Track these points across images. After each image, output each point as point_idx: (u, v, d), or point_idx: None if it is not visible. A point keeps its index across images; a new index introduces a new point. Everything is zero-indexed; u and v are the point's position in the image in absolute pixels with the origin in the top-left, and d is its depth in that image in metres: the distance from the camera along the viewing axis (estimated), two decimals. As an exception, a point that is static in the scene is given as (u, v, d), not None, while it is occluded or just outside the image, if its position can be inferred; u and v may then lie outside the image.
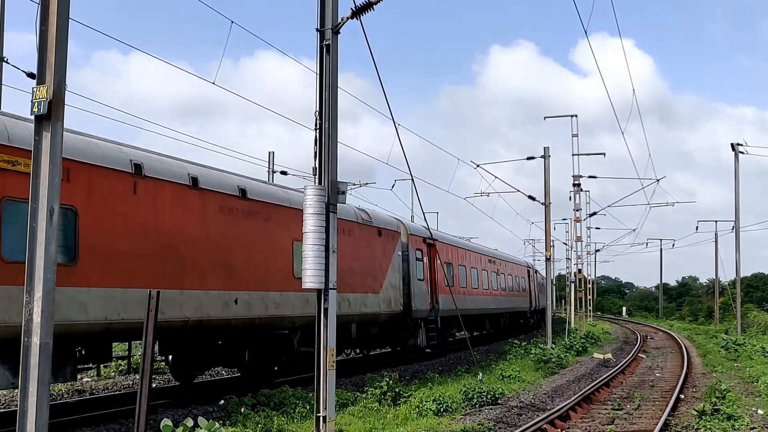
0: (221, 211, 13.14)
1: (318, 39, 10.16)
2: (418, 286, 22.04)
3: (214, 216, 12.94)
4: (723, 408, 12.80)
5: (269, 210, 14.55)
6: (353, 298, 17.93)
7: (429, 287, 22.96)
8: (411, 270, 21.70)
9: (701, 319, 69.85)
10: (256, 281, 13.95)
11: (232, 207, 13.42)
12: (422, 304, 22.25)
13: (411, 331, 21.94)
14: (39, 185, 6.66)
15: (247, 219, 13.83)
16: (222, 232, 13.06)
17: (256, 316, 13.94)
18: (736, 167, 36.36)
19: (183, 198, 12.23)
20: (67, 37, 6.80)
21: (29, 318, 6.54)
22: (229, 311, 13.13)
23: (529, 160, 30.19)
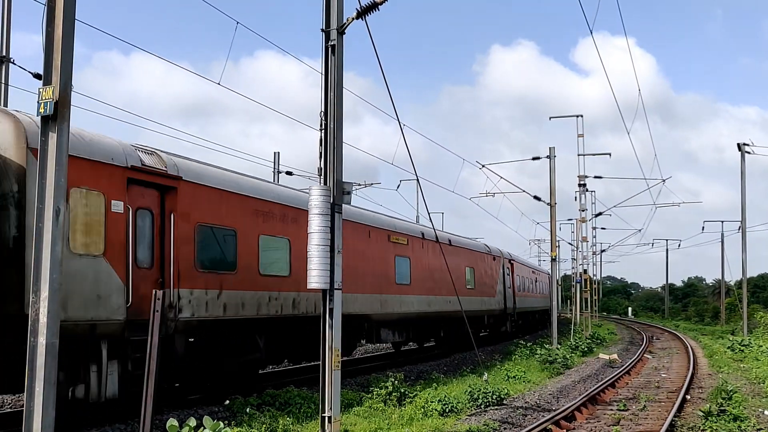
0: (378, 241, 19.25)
1: (323, 39, 10.17)
2: (508, 292, 33.40)
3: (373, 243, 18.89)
4: (729, 409, 12.76)
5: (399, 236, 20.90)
6: (486, 300, 29.28)
7: (512, 292, 34.64)
8: (505, 281, 32.91)
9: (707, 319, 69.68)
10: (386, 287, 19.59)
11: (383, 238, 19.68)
12: (510, 304, 33.75)
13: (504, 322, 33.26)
14: (45, 186, 6.68)
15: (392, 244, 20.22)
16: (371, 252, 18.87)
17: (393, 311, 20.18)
18: (742, 167, 36.27)
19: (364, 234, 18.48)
20: (73, 38, 6.83)
21: (35, 318, 6.57)
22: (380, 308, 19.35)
23: (535, 160, 30.17)
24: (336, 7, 10.12)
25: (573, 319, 43.62)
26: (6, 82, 16.47)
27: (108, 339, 10.42)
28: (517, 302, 35.35)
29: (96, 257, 10.19)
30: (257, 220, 13.96)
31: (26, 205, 9.22)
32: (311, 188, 10.09)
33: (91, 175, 10.25)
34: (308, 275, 9.93)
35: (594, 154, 35.59)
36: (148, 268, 11.38)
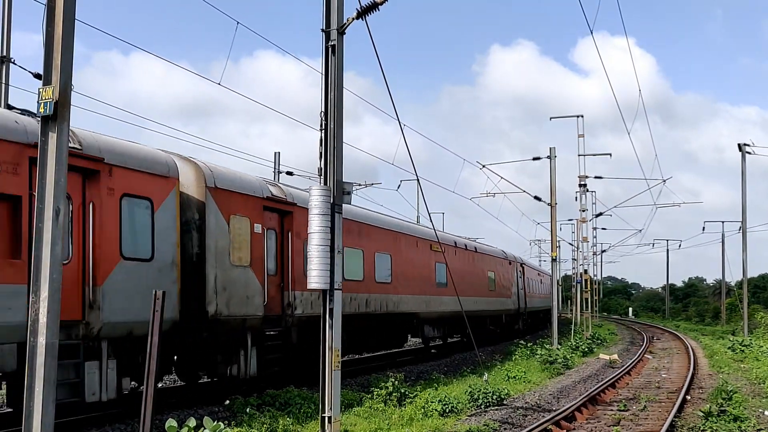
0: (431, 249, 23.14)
1: (323, 40, 10.17)
2: (520, 293, 37.31)
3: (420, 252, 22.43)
4: (729, 409, 12.76)
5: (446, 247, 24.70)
6: (504, 300, 33.11)
7: (524, 293, 38.36)
8: (518, 283, 36.61)
9: (708, 319, 69.66)
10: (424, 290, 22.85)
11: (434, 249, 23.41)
12: (522, 304, 37.76)
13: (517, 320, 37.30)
14: (45, 185, 6.67)
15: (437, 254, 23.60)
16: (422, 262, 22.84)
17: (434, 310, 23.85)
18: (743, 167, 36.26)
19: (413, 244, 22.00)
20: (73, 38, 6.82)
21: (35, 318, 6.56)
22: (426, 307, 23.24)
23: (535, 160, 30.17)
24: (336, 7, 10.11)
25: (573, 320, 43.63)
26: (6, 82, 16.48)
27: (251, 330, 13.60)
28: (527, 302, 39.53)
29: (245, 267, 13.41)
30: (350, 237, 17.17)
31: (205, 230, 12.37)
32: (311, 188, 10.10)
33: (243, 205, 13.43)
34: (308, 275, 9.93)
35: (595, 155, 35.65)
36: (274, 275, 14.59)
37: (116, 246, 10.76)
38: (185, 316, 11.95)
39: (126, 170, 10.97)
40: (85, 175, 10.42)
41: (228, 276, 12.83)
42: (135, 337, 10.83)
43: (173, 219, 11.84)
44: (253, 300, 13.52)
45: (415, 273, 21.44)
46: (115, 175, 10.76)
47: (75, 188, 10.18)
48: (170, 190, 11.78)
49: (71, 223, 10.19)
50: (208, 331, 12.50)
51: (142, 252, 11.21)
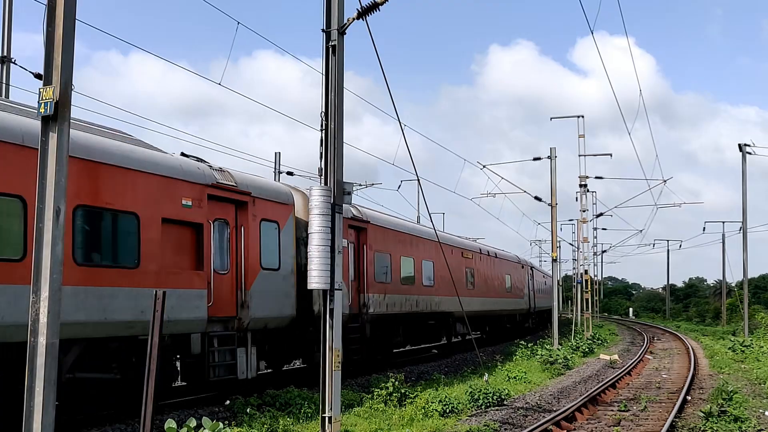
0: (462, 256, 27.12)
1: (324, 40, 10.16)
2: (531, 294, 40.37)
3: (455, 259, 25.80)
4: (730, 410, 12.74)
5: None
6: (518, 300, 36.30)
7: (533, 294, 41.34)
8: (528, 285, 39.55)
9: (708, 320, 69.65)
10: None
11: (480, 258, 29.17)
12: (532, 304, 40.85)
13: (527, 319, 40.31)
14: (45, 186, 6.68)
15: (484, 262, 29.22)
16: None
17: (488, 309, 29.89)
18: (743, 168, 36.25)
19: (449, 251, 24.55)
20: (73, 38, 6.83)
21: (35, 318, 6.56)
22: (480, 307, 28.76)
23: (536, 160, 30.17)
24: (337, 7, 10.11)
25: (574, 320, 43.64)
26: (7, 82, 16.49)
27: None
28: (536, 302, 42.47)
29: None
30: (399, 246, 20.79)
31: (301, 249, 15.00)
32: (312, 188, 10.10)
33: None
34: (308, 275, 9.93)
35: (595, 155, 35.60)
36: (354, 281, 17.84)
37: (258, 259, 13.73)
38: (299, 314, 14.88)
39: (263, 200, 13.99)
40: (237, 205, 13.33)
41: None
42: (267, 330, 14.21)
43: (291, 237, 14.96)
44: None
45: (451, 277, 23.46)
46: (256, 204, 13.73)
47: (230, 215, 13.22)
48: (289, 215, 14.90)
49: (228, 242, 13.09)
50: (312, 325, 15.06)
51: (273, 263, 14.19)
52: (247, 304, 13.35)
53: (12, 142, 9.03)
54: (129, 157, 10.94)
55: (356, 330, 17.40)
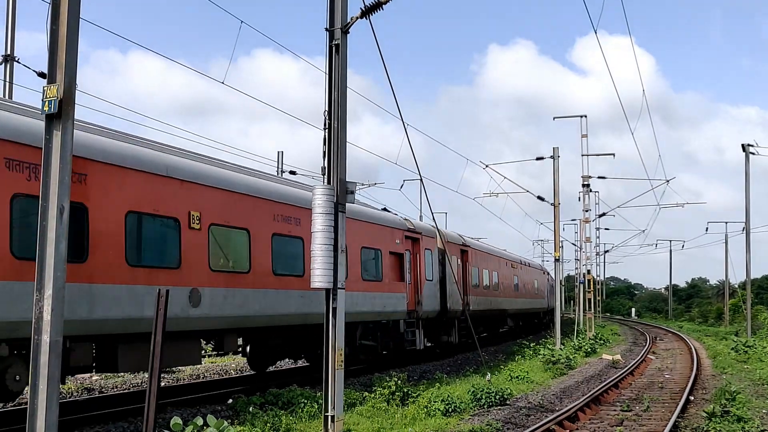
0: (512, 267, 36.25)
1: (327, 39, 10.15)
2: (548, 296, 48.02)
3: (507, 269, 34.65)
4: (733, 410, 12.71)
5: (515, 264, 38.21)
6: (540, 301, 44.09)
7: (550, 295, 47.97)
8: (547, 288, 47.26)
9: (711, 320, 69.52)
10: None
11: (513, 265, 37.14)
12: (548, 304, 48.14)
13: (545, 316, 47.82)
14: (49, 184, 6.68)
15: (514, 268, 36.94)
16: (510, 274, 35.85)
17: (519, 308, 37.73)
18: (746, 168, 36.18)
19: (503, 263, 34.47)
20: (77, 37, 6.83)
21: (39, 316, 6.57)
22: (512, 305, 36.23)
23: (539, 160, 30.15)
24: (340, 6, 10.10)
25: (576, 320, 43.60)
26: (11, 80, 16.51)
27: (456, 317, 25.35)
28: (551, 303, 47.31)
29: (454, 282, 24.29)
30: (484, 262, 29.95)
31: (444, 264, 23.36)
32: (315, 188, 10.09)
33: (454, 249, 25.62)
34: (312, 275, 9.93)
35: (598, 155, 35.53)
36: (461, 286, 25.75)
37: (424, 274, 22.05)
38: (441, 308, 23.65)
39: (426, 237, 22.56)
40: (413, 241, 21.54)
41: (452, 288, 24.31)
42: (428, 319, 22.62)
43: (436, 258, 23.44)
44: (456, 301, 24.81)
45: (506, 283, 33.32)
46: (422, 240, 22.18)
47: (409, 247, 21.24)
48: (435, 244, 23.39)
49: (410, 264, 21.22)
50: (445, 317, 24.16)
51: (429, 276, 22.57)
52: (420, 302, 21.77)
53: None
54: (381, 217, 20.07)
55: (463, 321, 25.51)
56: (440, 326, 24.30)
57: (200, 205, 12.49)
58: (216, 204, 12.90)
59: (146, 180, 11.36)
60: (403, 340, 20.65)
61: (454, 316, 24.77)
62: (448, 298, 23.93)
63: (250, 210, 13.80)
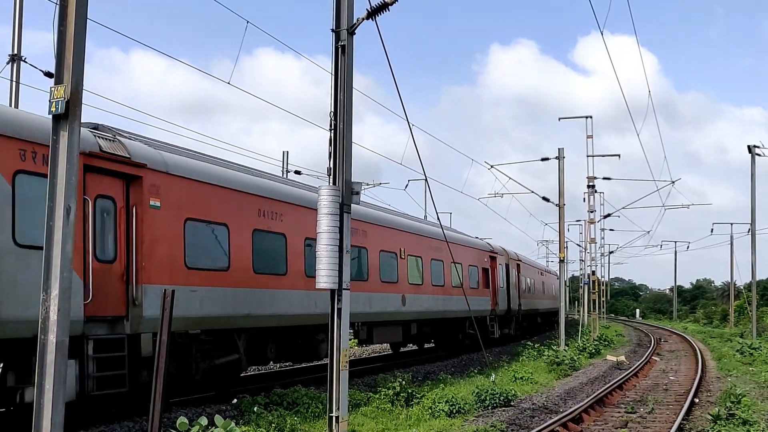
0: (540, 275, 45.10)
1: (333, 40, 10.15)
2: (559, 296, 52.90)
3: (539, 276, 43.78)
4: (738, 413, 12.68)
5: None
6: (554, 302, 43.01)
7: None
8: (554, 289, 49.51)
9: (716, 322, 69.34)
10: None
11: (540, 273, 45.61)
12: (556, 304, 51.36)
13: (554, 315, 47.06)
14: (56, 184, 6.69)
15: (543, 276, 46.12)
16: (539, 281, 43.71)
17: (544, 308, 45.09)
18: (752, 169, 36.07)
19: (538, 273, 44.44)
20: (85, 37, 6.84)
21: (46, 316, 6.58)
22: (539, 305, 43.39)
23: (544, 161, 30.09)
24: (347, 7, 10.10)
25: (581, 321, 43.51)
26: (17, 80, 16.55)
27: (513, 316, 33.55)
28: None
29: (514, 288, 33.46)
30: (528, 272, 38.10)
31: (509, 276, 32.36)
32: (320, 188, 10.09)
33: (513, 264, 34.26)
34: (317, 275, 9.93)
35: (604, 155, 35.46)
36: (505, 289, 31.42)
37: (498, 283, 29.97)
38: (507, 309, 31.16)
39: (499, 255, 30.63)
40: (491, 258, 29.02)
41: (513, 293, 32.63)
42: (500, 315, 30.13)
43: (504, 271, 31.34)
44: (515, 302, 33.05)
45: (538, 287, 41.74)
46: (498, 257, 30.23)
47: (490, 263, 28.83)
48: (504, 260, 31.31)
49: (491, 275, 28.83)
50: (509, 315, 31.92)
51: (502, 284, 30.51)
52: (497, 302, 29.48)
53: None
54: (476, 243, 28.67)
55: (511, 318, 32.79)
56: (505, 321, 31.96)
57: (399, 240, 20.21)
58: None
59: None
60: (488, 331, 28.57)
61: (514, 314, 33.02)
62: (511, 300, 32.27)
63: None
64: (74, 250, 9.75)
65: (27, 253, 9.38)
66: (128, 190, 11.05)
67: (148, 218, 11.16)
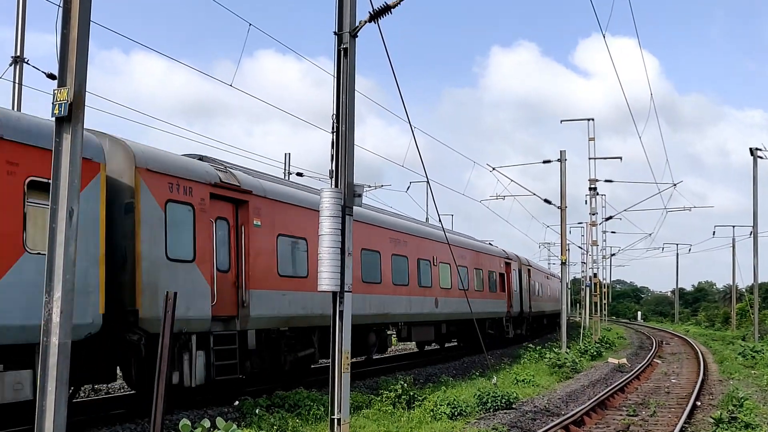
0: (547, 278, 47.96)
1: (335, 43, 10.16)
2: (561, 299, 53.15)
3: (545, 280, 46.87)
4: (740, 416, 12.66)
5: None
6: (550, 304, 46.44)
7: None
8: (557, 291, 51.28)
9: (718, 324, 69.17)
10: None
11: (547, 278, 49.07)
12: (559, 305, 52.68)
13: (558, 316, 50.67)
14: (59, 186, 6.70)
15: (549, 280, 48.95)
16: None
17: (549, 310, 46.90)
18: (754, 172, 36.07)
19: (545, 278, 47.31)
20: (88, 40, 6.85)
21: (48, 318, 6.59)
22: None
23: (546, 163, 30.09)
24: (349, 10, 10.11)
25: (582, 323, 43.48)
26: (20, 82, 16.58)
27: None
28: None
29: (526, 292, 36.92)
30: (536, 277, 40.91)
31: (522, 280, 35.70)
32: (322, 190, 10.09)
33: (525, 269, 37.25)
34: (319, 277, 9.93)
35: (605, 158, 35.46)
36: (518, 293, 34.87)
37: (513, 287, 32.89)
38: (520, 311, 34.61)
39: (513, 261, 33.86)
40: (506, 264, 32.29)
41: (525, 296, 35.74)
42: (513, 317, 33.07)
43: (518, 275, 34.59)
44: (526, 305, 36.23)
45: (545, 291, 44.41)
46: (512, 263, 33.29)
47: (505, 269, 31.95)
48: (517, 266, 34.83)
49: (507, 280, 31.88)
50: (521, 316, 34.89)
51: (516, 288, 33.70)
52: (511, 305, 32.21)
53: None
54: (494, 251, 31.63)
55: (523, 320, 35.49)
56: (517, 322, 34.49)
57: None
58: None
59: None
60: (503, 331, 31.62)
61: (525, 315, 35.74)
62: (524, 303, 35.02)
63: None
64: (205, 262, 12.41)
65: (174, 265, 11.62)
66: (237, 213, 13.42)
67: (253, 235, 13.54)
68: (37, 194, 9.27)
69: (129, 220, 11.05)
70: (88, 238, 9.82)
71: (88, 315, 9.93)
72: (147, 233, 11.15)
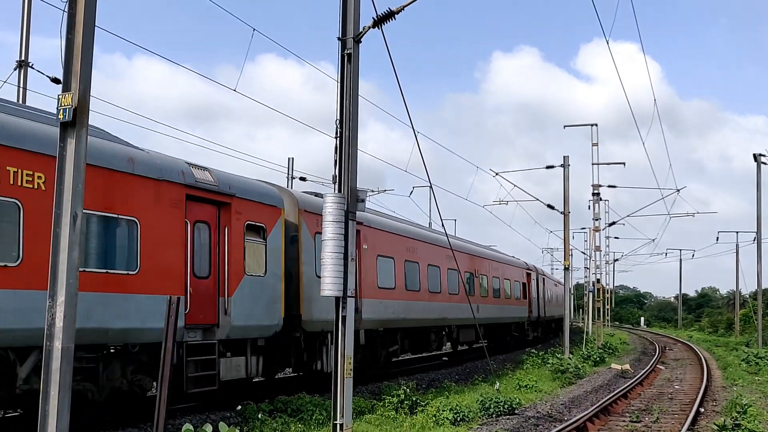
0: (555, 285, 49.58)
1: (339, 48, 10.18)
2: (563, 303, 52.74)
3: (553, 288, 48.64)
4: (744, 423, 12.61)
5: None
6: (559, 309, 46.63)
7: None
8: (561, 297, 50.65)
9: (721, 330, 68.98)
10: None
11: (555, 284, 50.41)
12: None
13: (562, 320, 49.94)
14: (63, 191, 6.72)
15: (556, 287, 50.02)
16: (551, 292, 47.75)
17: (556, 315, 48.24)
18: (758, 178, 36.01)
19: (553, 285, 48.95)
20: (92, 46, 6.89)
21: (51, 322, 6.60)
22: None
23: (549, 168, 30.09)
24: (353, 15, 10.13)
25: (585, 329, 43.41)
26: (25, 86, 16.64)
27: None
28: None
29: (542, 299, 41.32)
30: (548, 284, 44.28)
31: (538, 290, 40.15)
32: (325, 195, 10.10)
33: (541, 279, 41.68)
34: (322, 282, 9.94)
35: (609, 163, 35.51)
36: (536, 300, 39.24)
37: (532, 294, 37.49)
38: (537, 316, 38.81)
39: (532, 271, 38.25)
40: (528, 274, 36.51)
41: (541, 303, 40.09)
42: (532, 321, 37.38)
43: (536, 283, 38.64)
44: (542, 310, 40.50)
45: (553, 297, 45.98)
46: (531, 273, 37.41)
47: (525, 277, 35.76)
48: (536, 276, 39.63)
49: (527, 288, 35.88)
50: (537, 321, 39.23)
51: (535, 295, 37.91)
52: (531, 310, 35.37)
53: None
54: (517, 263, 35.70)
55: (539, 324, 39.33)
56: (535, 326, 38.27)
57: None
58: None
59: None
60: (525, 334, 35.50)
61: (542, 320, 39.58)
62: (540, 308, 38.85)
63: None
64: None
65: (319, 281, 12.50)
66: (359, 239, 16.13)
67: (363, 256, 17.24)
68: (252, 234, 13.33)
69: (294, 248, 14.94)
70: (276, 262, 13.83)
71: (276, 318, 13.69)
72: (305, 257, 15.08)
